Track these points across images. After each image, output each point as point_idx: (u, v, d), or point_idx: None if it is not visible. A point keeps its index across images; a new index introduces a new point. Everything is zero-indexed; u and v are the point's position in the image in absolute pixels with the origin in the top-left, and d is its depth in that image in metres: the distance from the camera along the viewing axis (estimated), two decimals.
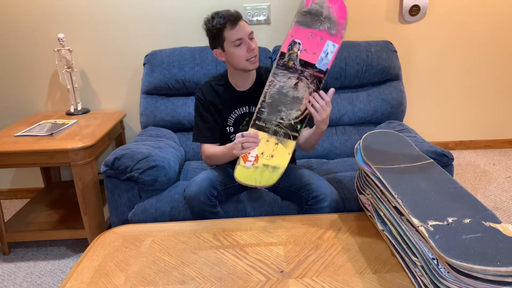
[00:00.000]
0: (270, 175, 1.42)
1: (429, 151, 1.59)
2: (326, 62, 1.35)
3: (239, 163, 1.42)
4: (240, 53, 1.42)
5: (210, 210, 1.44)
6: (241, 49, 1.42)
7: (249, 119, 1.54)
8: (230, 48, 1.43)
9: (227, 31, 1.41)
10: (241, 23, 1.42)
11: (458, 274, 0.79)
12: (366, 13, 2.44)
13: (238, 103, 1.55)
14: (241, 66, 1.46)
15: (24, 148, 1.77)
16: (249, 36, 1.43)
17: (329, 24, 1.33)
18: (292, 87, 1.38)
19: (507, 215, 2.08)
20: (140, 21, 2.28)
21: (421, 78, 2.63)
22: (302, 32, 1.35)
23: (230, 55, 1.45)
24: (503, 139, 2.83)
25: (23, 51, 2.30)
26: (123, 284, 1.01)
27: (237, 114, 1.56)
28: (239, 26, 1.41)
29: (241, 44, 1.42)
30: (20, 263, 1.89)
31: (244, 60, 1.43)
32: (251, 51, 1.42)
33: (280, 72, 1.38)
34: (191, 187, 1.45)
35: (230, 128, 1.58)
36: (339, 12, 1.32)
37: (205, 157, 1.58)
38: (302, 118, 1.40)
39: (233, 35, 1.40)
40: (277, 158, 1.41)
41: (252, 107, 1.55)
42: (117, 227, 1.31)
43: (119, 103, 2.42)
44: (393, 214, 1.06)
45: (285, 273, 1.03)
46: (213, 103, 1.56)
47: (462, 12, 2.51)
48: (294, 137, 1.41)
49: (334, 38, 1.34)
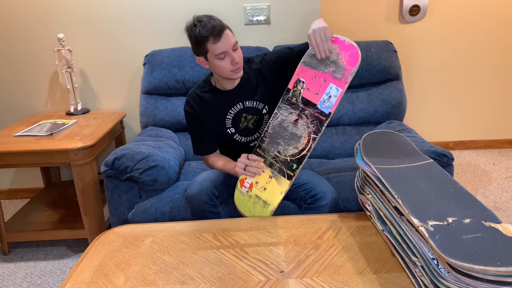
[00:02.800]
0: (262, 210, 1.42)
1: (429, 151, 1.59)
2: (328, 105, 1.36)
3: (237, 187, 1.46)
4: (224, 65, 1.38)
5: (211, 210, 1.44)
6: (225, 61, 1.38)
7: (247, 114, 1.54)
8: (214, 60, 1.38)
9: (210, 43, 1.35)
10: (224, 35, 1.35)
11: (458, 274, 0.79)
12: (366, 13, 2.44)
13: (230, 103, 1.52)
14: (225, 75, 1.43)
15: (24, 148, 1.77)
16: (233, 47, 1.37)
17: (334, 68, 1.35)
18: (292, 123, 1.41)
19: (507, 215, 2.08)
20: (140, 21, 2.28)
21: (421, 78, 2.63)
22: (307, 72, 1.40)
23: (213, 65, 1.41)
24: (503, 139, 2.83)
25: (23, 51, 2.30)
26: (123, 284, 1.01)
27: (232, 114, 1.54)
28: (222, 39, 1.34)
29: (225, 57, 1.37)
30: (20, 263, 1.89)
31: (229, 71, 1.40)
32: (235, 63, 1.38)
33: (284, 106, 1.43)
34: (193, 187, 1.44)
35: (231, 130, 1.56)
36: (349, 59, 1.34)
37: (207, 165, 1.65)
38: (298, 157, 1.39)
39: (217, 49, 1.35)
40: (269, 193, 1.41)
41: (246, 101, 1.53)
42: (117, 227, 1.31)
43: (119, 103, 2.42)
44: (393, 214, 1.06)
45: (285, 273, 1.03)
46: (206, 112, 1.53)
47: (462, 12, 2.50)
48: (289, 176, 1.40)
49: (338, 82, 1.35)
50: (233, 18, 2.29)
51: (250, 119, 1.55)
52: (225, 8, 2.27)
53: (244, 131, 1.57)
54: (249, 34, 2.31)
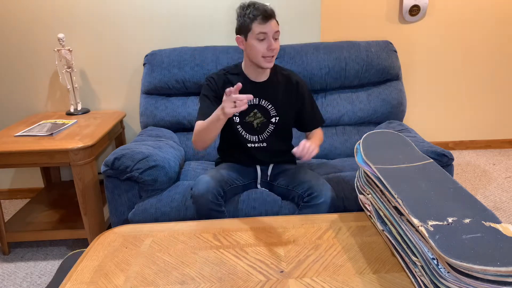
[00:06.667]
0: None
1: (429, 151, 1.59)
2: None
3: None
4: (260, 47, 1.45)
5: (216, 209, 1.44)
6: (262, 44, 1.44)
7: (258, 112, 1.57)
8: (252, 40, 1.45)
9: (256, 23, 1.43)
10: (271, 21, 1.44)
11: (458, 274, 0.79)
12: (366, 13, 2.44)
13: (249, 93, 1.52)
14: (256, 60, 1.48)
15: (24, 148, 1.76)
16: (274, 35, 1.45)
17: None
18: None
19: (507, 215, 2.08)
20: (140, 21, 2.28)
21: (421, 78, 2.63)
22: None
23: (249, 46, 1.47)
24: (503, 139, 2.83)
25: (23, 51, 2.30)
26: (123, 284, 1.01)
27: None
28: (269, 22, 1.43)
29: (264, 39, 1.44)
30: (20, 263, 1.89)
31: (261, 55, 1.46)
32: (271, 50, 1.45)
33: None
34: (199, 186, 1.44)
35: (236, 118, 1.58)
36: None
37: (194, 135, 1.49)
38: None
39: (260, 28, 1.43)
40: None
41: (263, 100, 1.57)
42: (117, 227, 1.31)
43: (119, 103, 2.42)
44: (393, 214, 1.06)
45: (285, 273, 1.03)
46: (223, 89, 1.54)
47: (462, 12, 2.51)
48: None
49: None
50: (233, 18, 2.28)
51: (258, 118, 1.58)
52: (225, 8, 2.27)
53: (247, 126, 1.58)
54: None
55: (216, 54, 2.08)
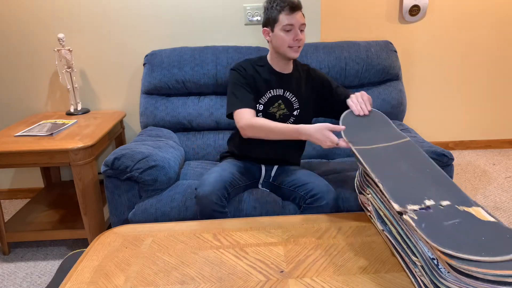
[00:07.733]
0: None
1: (429, 151, 1.59)
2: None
3: None
4: (286, 38, 1.47)
5: (220, 210, 1.44)
6: (288, 35, 1.47)
7: (282, 103, 1.59)
8: (279, 31, 1.48)
9: (283, 14, 1.46)
10: (298, 12, 1.47)
11: (458, 274, 0.79)
12: (366, 13, 2.44)
13: (275, 83, 1.58)
14: (282, 50, 1.50)
15: (24, 148, 1.76)
16: (300, 27, 1.48)
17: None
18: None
19: (507, 215, 2.08)
20: (140, 21, 2.28)
21: (421, 78, 2.63)
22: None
23: (276, 37, 1.49)
24: (503, 139, 2.83)
25: (23, 51, 2.30)
26: (123, 284, 1.01)
27: (271, 94, 1.58)
28: (295, 14, 1.46)
29: (291, 30, 1.47)
30: (20, 263, 1.89)
31: (287, 45, 1.48)
32: (297, 40, 1.47)
33: None
34: (204, 187, 1.43)
35: (260, 106, 1.58)
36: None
37: (248, 124, 1.44)
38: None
39: (287, 19, 1.45)
40: None
41: (287, 92, 1.59)
42: (117, 227, 1.31)
43: (119, 103, 2.42)
44: (393, 214, 1.06)
45: (285, 273, 1.03)
46: (253, 77, 1.57)
47: (462, 12, 2.51)
48: None
49: None
50: (233, 18, 2.29)
51: (282, 110, 1.59)
52: (225, 8, 2.27)
53: (269, 117, 1.58)
54: (249, 34, 2.31)
55: (216, 54, 2.08)
